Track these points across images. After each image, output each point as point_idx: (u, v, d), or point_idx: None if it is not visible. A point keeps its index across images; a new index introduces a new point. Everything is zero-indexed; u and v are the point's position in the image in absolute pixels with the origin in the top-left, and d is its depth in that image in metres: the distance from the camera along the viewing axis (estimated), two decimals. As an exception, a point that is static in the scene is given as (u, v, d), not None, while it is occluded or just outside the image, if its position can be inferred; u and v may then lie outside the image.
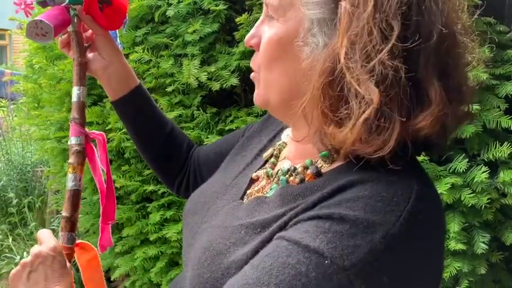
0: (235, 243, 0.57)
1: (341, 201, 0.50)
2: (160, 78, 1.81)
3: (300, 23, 0.56)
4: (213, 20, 1.72)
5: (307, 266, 0.47)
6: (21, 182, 3.67)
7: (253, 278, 0.49)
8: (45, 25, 0.77)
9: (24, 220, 3.34)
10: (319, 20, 0.54)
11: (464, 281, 1.49)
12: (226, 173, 0.78)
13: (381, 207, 0.48)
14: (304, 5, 0.55)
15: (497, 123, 1.44)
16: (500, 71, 1.49)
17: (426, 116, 0.50)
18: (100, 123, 1.95)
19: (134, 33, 1.84)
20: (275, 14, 0.59)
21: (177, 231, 1.79)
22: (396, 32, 0.49)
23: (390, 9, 0.49)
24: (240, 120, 1.72)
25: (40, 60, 2.15)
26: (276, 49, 0.59)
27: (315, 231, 0.48)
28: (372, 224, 0.47)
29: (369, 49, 0.49)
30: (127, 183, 1.89)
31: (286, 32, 0.58)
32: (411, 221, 0.49)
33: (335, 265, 0.46)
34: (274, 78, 0.60)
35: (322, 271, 0.46)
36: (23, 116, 3.17)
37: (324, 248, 0.47)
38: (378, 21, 0.49)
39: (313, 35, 0.54)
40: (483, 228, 1.48)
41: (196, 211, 0.73)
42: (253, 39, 0.63)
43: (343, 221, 0.48)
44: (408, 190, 0.51)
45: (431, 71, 0.51)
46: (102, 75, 0.88)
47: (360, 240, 0.47)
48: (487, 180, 1.42)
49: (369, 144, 0.50)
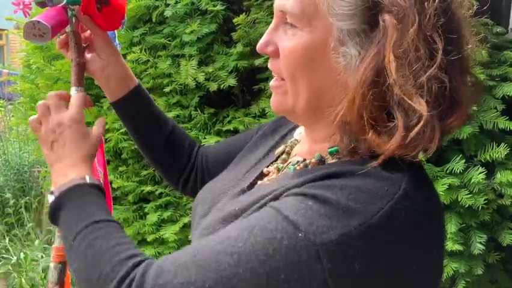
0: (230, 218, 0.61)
1: (329, 186, 0.53)
2: (157, 78, 1.81)
3: (328, 33, 0.56)
4: (210, 20, 1.72)
5: (282, 234, 0.50)
6: (18, 183, 3.66)
7: (235, 234, 0.53)
8: (43, 26, 0.77)
9: (21, 220, 3.33)
10: (350, 30, 0.54)
11: (461, 281, 1.50)
12: (238, 168, 0.79)
13: (364, 198, 0.51)
14: (334, 16, 0.55)
15: (494, 124, 1.45)
16: (497, 72, 1.50)
17: (458, 116, 0.54)
18: (97, 123, 1.95)
19: (132, 33, 1.84)
20: (298, 23, 0.58)
21: (175, 232, 1.79)
22: (441, 47, 0.51)
23: (430, 23, 0.52)
24: (237, 121, 1.72)
25: (37, 61, 2.14)
26: (304, 59, 0.58)
27: (298, 206, 0.51)
28: (351, 211, 0.50)
29: (418, 66, 0.51)
30: (124, 183, 1.89)
31: (313, 41, 0.57)
32: (393, 216, 0.50)
33: (307, 240, 0.49)
34: (303, 87, 0.60)
35: (294, 242, 0.50)
36: (20, 116, 3.16)
37: (302, 222, 0.50)
38: (422, 36, 0.51)
39: (346, 45, 0.55)
40: (480, 229, 1.48)
41: (205, 203, 0.74)
42: (269, 46, 0.62)
43: (325, 203, 0.51)
44: (395, 187, 0.52)
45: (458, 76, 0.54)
46: (100, 75, 0.88)
47: (336, 222, 0.49)
48: (483, 181, 1.42)
49: (413, 150, 0.53)
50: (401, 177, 0.53)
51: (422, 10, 0.52)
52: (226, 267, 0.51)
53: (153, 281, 0.53)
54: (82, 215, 0.64)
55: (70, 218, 0.66)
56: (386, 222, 0.50)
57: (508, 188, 1.43)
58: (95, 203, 0.67)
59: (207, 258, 0.53)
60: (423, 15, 0.51)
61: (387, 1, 0.52)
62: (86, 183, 0.68)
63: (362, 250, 0.49)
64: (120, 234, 0.63)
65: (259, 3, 1.67)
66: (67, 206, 0.67)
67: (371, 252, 0.50)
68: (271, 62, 0.64)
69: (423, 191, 0.56)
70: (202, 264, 0.53)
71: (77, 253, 0.62)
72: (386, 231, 0.50)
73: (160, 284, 0.53)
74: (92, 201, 0.67)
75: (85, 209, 0.66)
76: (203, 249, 0.55)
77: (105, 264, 0.58)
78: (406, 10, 0.51)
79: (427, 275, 0.56)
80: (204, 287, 0.51)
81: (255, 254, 0.50)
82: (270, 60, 0.64)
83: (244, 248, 0.51)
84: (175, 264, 0.55)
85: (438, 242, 0.58)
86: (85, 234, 0.62)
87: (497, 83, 1.49)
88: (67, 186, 0.68)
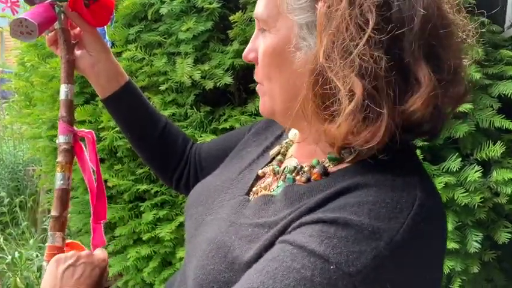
0: (241, 239, 0.58)
1: (345, 205, 0.50)
2: (153, 76, 1.80)
3: (290, 30, 0.58)
4: (206, 18, 1.71)
5: (312, 270, 0.46)
6: (13, 181, 3.64)
7: (258, 282, 0.48)
8: (30, 23, 0.76)
9: (16, 219, 3.31)
10: (307, 23, 0.56)
11: (457, 279, 1.50)
12: (231, 167, 0.79)
13: (385, 213, 0.48)
14: (291, 12, 0.56)
15: (490, 123, 1.45)
16: (493, 70, 1.50)
17: (416, 98, 0.50)
18: (93, 121, 1.94)
19: (127, 31, 1.83)
20: (266, 26, 0.61)
21: (170, 231, 1.78)
22: (371, 24, 0.49)
23: (365, 3, 0.50)
24: (233, 119, 1.71)
25: (32, 58, 2.13)
26: (273, 59, 0.60)
27: (320, 236, 0.48)
28: (378, 230, 0.47)
29: (346, 44, 0.50)
30: (120, 182, 1.88)
31: (279, 41, 0.59)
32: (414, 228, 0.49)
33: (340, 271, 0.46)
34: (277, 87, 0.61)
35: (327, 276, 0.46)
36: (15, 115, 3.14)
37: (330, 253, 0.46)
38: (354, 16, 0.50)
39: (304, 38, 0.56)
40: (476, 227, 1.48)
41: (200, 203, 0.73)
42: (251, 53, 0.65)
43: (348, 226, 0.48)
44: (411, 197, 0.51)
45: (418, 54, 0.51)
46: (90, 72, 0.87)
47: (365, 246, 0.47)
48: (480, 180, 1.42)
49: (359, 136, 0.51)
50: (414, 183, 0.53)
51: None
52: None
53: None
54: None
55: None
56: (409, 236, 0.49)
57: (503, 186, 1.43)
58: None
59: None
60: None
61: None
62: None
63: (392, 269, 0.48)
64: None
65: (255, 1, 1.66)
66: None
67: (399, 268, 0.49)
68: (255, 71, 0.66)
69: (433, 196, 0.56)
70: None
71: None
72: (410, 245, 0.49)
73: None
74: None
75: None
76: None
77: None
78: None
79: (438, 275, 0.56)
80: None
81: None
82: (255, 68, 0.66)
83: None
84: None
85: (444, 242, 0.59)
86: None
87: (493, 81, 1.49)
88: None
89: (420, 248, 0.51)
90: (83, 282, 0.71)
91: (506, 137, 1.50)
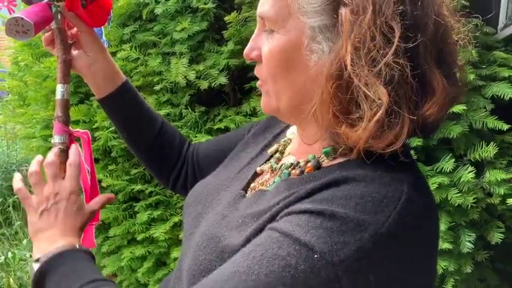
0: (231, 229, 0.59)
1: (333, 197, 0.51)
2: (147, 76, 1.80)
3: (301, 32, 0.57)
4: (201, 18, 1.71)
5: (297, 258, 0.48)
6: (6, 181, 3.62)
7: (244, 267, 0.50)
8: (26, 22, 0.76)
9: (9, 219, 3.29)
10: (320, 26, 0.55)
11: (450, 279, 1.51)
12: (231, 167, 0.79)
13: (371, 207, 0.50)
14: (304, 14, 0.56)
15: (484, 124, 1.46)
16: (486, 72, 1.51)
17: (432, 104, 0.53)
18: (87, 121, 1.93)
19: (122, 30, 1.83)
20: (274, 26, 0.60)
21: (164, 231, 1.78)
22: (398, 33, 0.51)
23: (388, 11, 0.51)
24: (228, 119, 1.71)
25: (26, 58, 2.12)
26: (281, 60, 0.60)
27: (307, 226, 0.49)
28: (362, 223, 0.48)
29: (374, 53, 0.51)
30: (114, 182, 1.87)
31: (289, 42, 0.59)
32: (399, 222, 0.50)
33: (324, 260, 0.47)
34: (283, 87, 0.61)
35: (311, 265, 0.47)
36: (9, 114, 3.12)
37: (315, 242, 0.48)
38: (379, 25, 0.51)
39: (318, 42, 0.56)
40: (469, 228, 1.49)
41: (199, 201, 0.74)
42: (253, 52, 0.64)
43: (334, 218, 0.49)
44: (398, 193, 0.52)
45: (431, 60, 0.53)
46: (87, 72, 0.87)
47: (350, 237, 0.48)
48: (473, 180, 1.43)
49: (382, 140, 0.52)
50: (402, 180, 0.53)
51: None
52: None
53: None
54: (75, 276, 0.64)
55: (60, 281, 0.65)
56: (394, 229, 0.49)
57: (496, 187, 1.44)
58: (87, 266, 0.67)
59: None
60: (378, 4, 0.52)
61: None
62: (77, 249, 0.69)
63: (376, 261, 0.49)
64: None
65: (250, 1, 1.67)
66: (58, 270, 0.66)
67: (384, 261, 0.49)
68: (256, 68, 0.66)
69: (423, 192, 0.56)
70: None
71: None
72: (394, 239, 0.50)
73: None
74: (84, 264, 0.67)
75: (78, 270, 0.66)
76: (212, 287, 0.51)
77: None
78: (360, 1, 0.52)
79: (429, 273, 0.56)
80: None
81: (272, 285, 0.47)
82: (256, 66, 0.66)
83: (258, 281, 0.48)
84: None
85: (435, 241, 0.59)
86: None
87: (487, 82, 1.50)
88: (58, 251, 0.68)
89: (406, 242, 0.51)
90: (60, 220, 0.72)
91: (499, 138, 1.51)
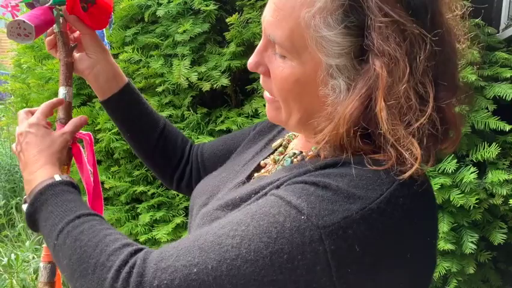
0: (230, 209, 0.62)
1: (329, 174, 0.55)
2: (150, 78, 1.80)
3: (318, 66, 0.57)
4: (203, 20, 1.72)
5: (285, 217, 0.52)
6: (9, 183, 3.63)
7: (238, 219, 0.54)
8: (27, 25, 0.77)
9: (12, 221, 3.30)
10: (339, 66, 0.55)
11: (453, 280, 1.51)
12: (236, 162, 0.81)
13: (364, 184, 0.52)
14: (323, 52, 0.56)
15: (486, 125, 1.46)
16: (488, 72, 1.51)
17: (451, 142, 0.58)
18: (89, 123, 1.94)
19: (124, 33, 1.83)
20: (288, 54, 0.59)
21: (167, 232, 1.78)
22: (432, 94, 0.52)
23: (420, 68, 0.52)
24: (230, 121, 1.71)
25: (28, 60, 2.13)
26: (295, 87, 0.60)
27: (300, 192, 0.53)
28: (352, 196, 0.51)
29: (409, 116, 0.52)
30: (117, 184, 1.88)
31: (303, 74, 0.58)
32: (391, 202, 0.52)
33: (310, 222, 0.50)
34: (294, 108, 0.62)
35: (297, 224, 0.51)
36: (11, 116, 3.13)
37: (304, 206, 0.51)
38: (413, 84, 0.52)
39: (334, 77, 0.56)
40: (471, 228, 1.49)
41: (205, 193, 0.75)
42: (260, 67, 0.63)
43: (326, 189, 0.52)
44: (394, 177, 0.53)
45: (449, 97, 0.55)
46: (89, 74, 0.87)
47: (338, 206, 0.51)
48: (475, 181, 1.43)
49: None
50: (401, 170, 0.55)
51: (413, 57, 0.52)
52: (229, 249, 0.52)
53: (155, 265, 0.53)
54: (60, 213, 0.63)
55: (48, 219, 0.64)
56: (386, 207, 0.51)
57: (499, 187, 1.44)
58: (71, 200, 0.66)
59: (209, 241, 0.54)
60: (414, 64, 0.52)
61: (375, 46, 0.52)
62: (57, 182, 0.67)
63: (363, 233, 0.50)
64: (106, 226, 0.62)
65: (252, 3, 1.67)
66: (43, 208, 0.65)
67: (371, 235, 0.51)
68: (262, 80, 0.65)
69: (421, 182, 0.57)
70: (205, 247, 0.53)
71: (64, 250, 0.60)
72: (385, 217, 0.51)
73: (163, 267, 0.53)
74: (67, 198, 0.66)
75: (62, 206, 0.64)
76: (205, 234, 0.55)
77: (98, 256, 0.56)
78: (397, 59, 0.51)
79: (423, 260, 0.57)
80: (206, 268, 0.52)
81: (259, 236, 0.51)
82: (261, 77, 0.65)
83: (247, 231, 0.52)
84: (177, 249, 0.55)
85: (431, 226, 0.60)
86: (68, 231, 0.60)
87: (489, 83, 1.50)
88: (38, 188, 0.66)
89: (397, 223, 0.52)
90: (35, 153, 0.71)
91: (501, 139, 1.51)
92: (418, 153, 0.52)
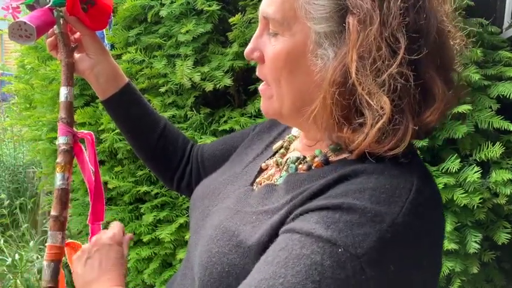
0: (245, 225, 0.60)
1: (347, 191, 0.52)
2: (153, 78, 1.80)
3: (307, 36, 0.58)
4: (206, 20, 1.72)
5: (321, 255, 0.48)
6: (13, 183, 3.65)
7: (270, 273, 0.49)
8: (28, 26, 0.78)
9: (16, 221, 3.32)
10: (327, 33, 0.56)
11: (457, 280, 1.50)
12: (236, 163, 0.80)
13: (385, 198, 0.51)
14: (310, 20, 0.56)
15: (489, 124, 1.45)
16: (491, 71, 1.50)
17: (433, 111, 0.55)
18: (93, 123, 1.94)
19: (127, 33, 1.84)
20: (279, 29, 0.60)
21: (170, 232, 1.78)
22: (403, 45, 0.52)
23: (394, 22, 0.52)
24: (233, 121, 1.71)
25: (32, 61, 2.14)
26: (286, 63, 0.60)
27: (326, 222, 0.50)
28: (380, 214, 0.49)
29: (379, 64, 0.52)
30: (120, 184, 1.88)
31: (294, 46, 0.59)
32: (413, 211, 0.51)
33: (348, 253, 0.48)
34: (287, 90, 0.61)
35: (336, 259, 0.48)
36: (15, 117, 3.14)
37: (337, 237, 0.48)
38: (385, 36, 0.52)
39: (323, 47, 0.56)
40: (475, 228, 1.48)
41: (207, 196, 0.75)
42: (255, 52, 0.64)
43: (352, 211, 0.50)
44: (409, 183, 0.53)
45: (432, 69, 0.54)
46: (90, 74, 0.89)
47: (370, 228, 0.49)
48: (479, 180, 1.42)
49: (383, 145, 0.53)
50: (410, 171, 0.55)
51: (385, 10, 0.52)
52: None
53: None
54: None
55: None
56: (408, 219, 0.51)
57: (502, 187, 1.43)
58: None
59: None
60: (385, 15, 0.52)
61: (351, 3, 0.53)
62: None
63: (395, 250, 0.50)
64: None
65: (254, 3, 1.67)
66: None
67: (401, 250, 0.50)
68: (258, 69, 0.66)
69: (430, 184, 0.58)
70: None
71: None
72: (409, 228, 0.51)
73: None
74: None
75: None
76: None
77: None
78: (368, 11, 0.52)
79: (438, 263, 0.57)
80: None
81: (301, 284, 0.47)
82: (257, 67, 0.66)
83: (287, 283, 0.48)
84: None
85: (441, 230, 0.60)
86: None
87: (492, 82, 1.50)
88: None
89: (419, 231, 0.52)
90: (105, 267, 0.72)
91: (505, 138, 1.50)
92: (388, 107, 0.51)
